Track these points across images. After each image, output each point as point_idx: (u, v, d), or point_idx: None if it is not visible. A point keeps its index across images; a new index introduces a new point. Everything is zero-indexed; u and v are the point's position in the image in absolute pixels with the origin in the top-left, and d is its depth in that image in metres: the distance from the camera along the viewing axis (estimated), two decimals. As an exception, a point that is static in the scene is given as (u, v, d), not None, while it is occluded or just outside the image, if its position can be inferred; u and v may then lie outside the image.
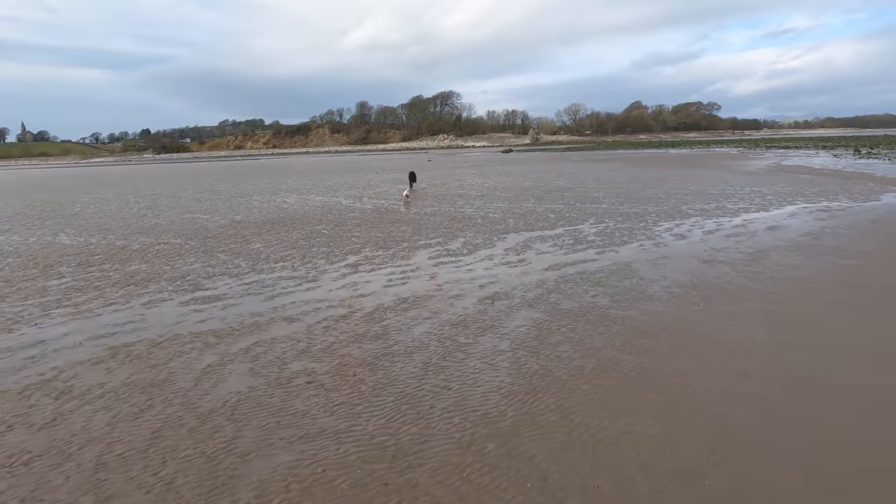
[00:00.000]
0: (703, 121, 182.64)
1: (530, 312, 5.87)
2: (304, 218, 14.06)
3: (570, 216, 12.93)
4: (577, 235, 10.39)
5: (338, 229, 12.05)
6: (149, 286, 7.57)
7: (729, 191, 17.27)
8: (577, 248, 9.25)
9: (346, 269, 8.20)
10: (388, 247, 9.86)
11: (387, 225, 12.51)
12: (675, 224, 11.36)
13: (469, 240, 10.31)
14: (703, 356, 4.59)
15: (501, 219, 12.90)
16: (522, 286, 6.94)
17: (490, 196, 17.89)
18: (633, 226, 11.30)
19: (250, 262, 8.89)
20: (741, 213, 12.67)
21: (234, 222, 13.69)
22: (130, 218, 15.26)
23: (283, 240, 10.91)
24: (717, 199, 15.11)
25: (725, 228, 10.69)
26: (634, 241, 9.74)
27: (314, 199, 18.65)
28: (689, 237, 9.92)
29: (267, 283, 7.50)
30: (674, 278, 7.08)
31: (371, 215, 14.22)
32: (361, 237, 10.96)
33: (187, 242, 10.97)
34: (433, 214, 13.99)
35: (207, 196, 21.37)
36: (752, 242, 9.21)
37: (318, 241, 10.69)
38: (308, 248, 10.01)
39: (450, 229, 11.60)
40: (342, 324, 5.71)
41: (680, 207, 13.88)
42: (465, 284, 7.14)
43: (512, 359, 4.64)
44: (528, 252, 9.06)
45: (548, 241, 9.98)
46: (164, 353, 5.04)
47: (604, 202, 15.36)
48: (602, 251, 8.92)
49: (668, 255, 8.45)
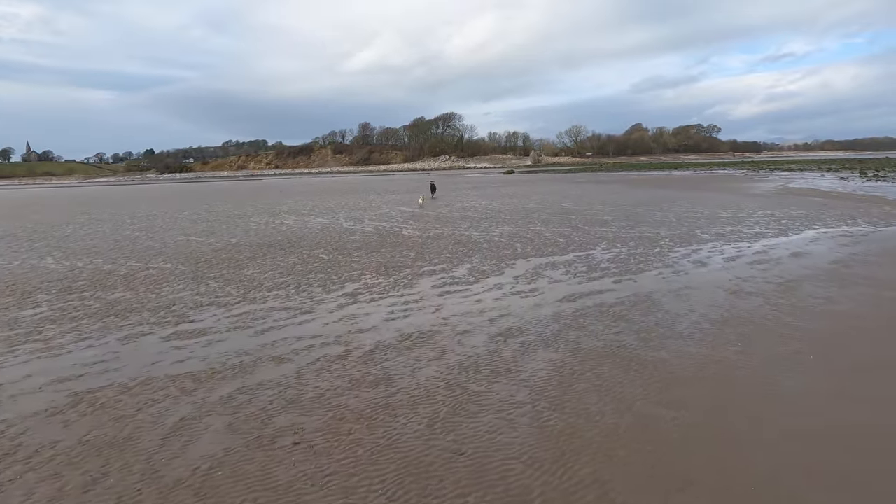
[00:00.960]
0: (704, 143, 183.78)
1: (548, 353, 5.25)
2: (303, 241, 13.52)
3: (580, 240, 12.37)
4: (589, 262, 9.80)
5: (337, 254, 11.49)
6: (129, 317, 6.97)
7: (741, 214, 16.75)
8: (591, 276, 8.66)
9: (344, 299, 7.60)
10: (390, 273, 9.28)
11: (388, 249, 11.95)
12: (691, 250, 10.79)
13: (475, 266, 9.73)
14: (756, 414, 3.95)
15: (508, 243, 12.34)
16: (537, 320, 6.32)
17: (495, 218, 17.38)
18: (648, 251, 10.72)
19: (242, 290, 8.30)
20: (759, 237, 12.10)
21: (229, 245, 13.15)
22: (123, 240, 14.73)
23: (279, 265, 10.34)
24: (731, 223, 14.57)
25: (747, 255, 10.11)
26: (652, 268, 9.15)
27: (314, 221, 18.15)
28: (710, 264, 9.33)
29: (258, 315, 6.90)
30: (702, 312, 6.46)
31: (372, 238, 13.68)
32: (362, 263, 10.38)
33: (178, 267, 10.40)
34: (437, 238, 13.44)
35: (205, 217, 20.90)
36: (780, 271, 8.61)
37: (315, 266, 10.11)
38: (305, 274, 9.43)
39: (455, 254, 11.03)
40: (337, 365, 5.08)
41: (693, 231, 13.32)
42: (473, 318, 6.52)
43: (532, 413, 4.01)
44: (539, 280, 8.46)
45: (559, 267, 9.40)
46: (133, 401, 4.41)
47: (613, 225, 14.83)
48: (619, 280, 8.32)
49: (690, 285, 7.84)
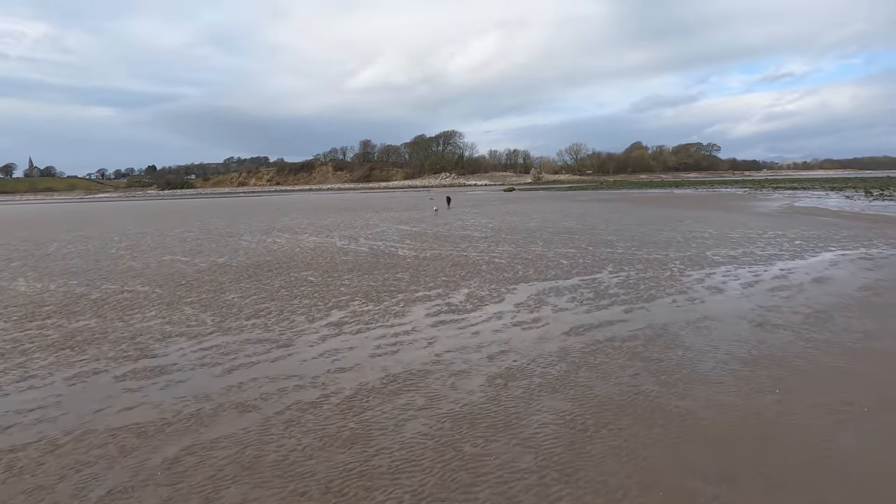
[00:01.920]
0: (704, 161, 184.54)
1: (556, 401, 4.52)
2: (292, 262, 12.84)
3: (585, 262, 11.68)
4: (596, 287, 9.10)
5: (327, 276, 10.80)
6: (87, 350, 6.25)
7: (751, 234, 16.10)
8: (599, 303, 7.95)
9: (327, 330, 6.89)
10: (381, 299, 8.57)
11: (382, 271, 11.26)
12: (704, 273, 10.09)
13: (473, 291, 9.03)
14: (819, 496, 3.21)
15: (508, 265, 11.66)
16: (541, 358, 5.60)
17: (495, 238, 16.73)
18: (658, 275, 10.03)
19: (218, 318, 7.59)
20: (775, 260, 11.42)
21: (214, 266, 12.47)
22: (105, 259, 14.06)
23: (263, 288, 9.65)
24: (742, 244, 13.90)
25: (765, 280, 9.41)
26: (664, 294, 8.45)
27: (307, 240, 17.50)
28: (727, 290, 8.63)
29: (229, 349, 6.18)
30: (728, 349, 5.74)
31: (366, 259, 13.01)
32: (352, 286, 9.69)
33: (155, 290, 9.71)
34: (434, 259, 12.77)
35: (196, 235, 20.27)
36: (805, 299, 7.90)
37: (302, 290, 9.41)
38: (289, 299, 8.72)
39: (451, 277, 10.34)
40: (310, 416, 4.35)
41: (704, 253, 12.65)
42: (470, 354, 5.80)
43: (539, 488, 3.27)
44: (542, 308, 7.75)
45: (564, 293, 8.70)
46: (58, 465, 3.68)
47: (618, 246, 14.16)
48: (630, 308, 7.61)
49: (709, 316, 7.13)
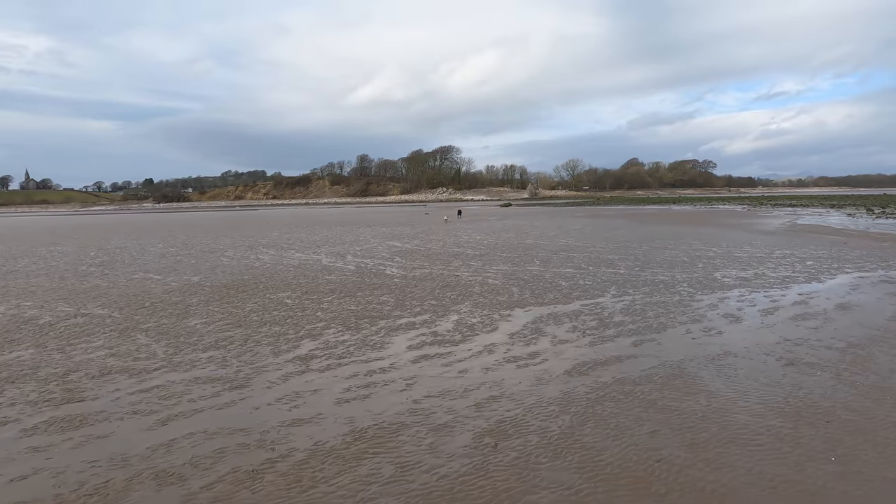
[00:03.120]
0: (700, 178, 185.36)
1: (557, 472, 3.62)
2: (271, 281, 11.94)
3: (585, 284, 10.83)
4: (599, 314, 8.23)
5: (305, 298, 9.90)
6: (5, 391, 5.32)
7: (758, 254, 15.31)
8: (604, 334, 7.07)
9: (293, 366, 5.98)
10: (360, 327, 7.67)
11: (366, 293, 10.37)
12: (717, 298, 9.25)
13: (463, 318, 8.14)
14: None
15: (503, 286, 10.80)
16: (539, 406, 4.70)
17: (489, 256, 15.88)
18: (667, 300, 9.18)
19: (171, 350, 6.66)
20: (790, 283, 10.59)
21: (187, 285, 11.55)
22: (71, 277, 13.12)
23: (232, 313, 8.73)
24: (752, 265, 13.09)
25: (784, 306, 8.57)
26: (675, 323, 7.58)
27: (292, 257, 16.61)
28: (745, 318, 7.77)
29: (173, 391, 5.26)
30: (760, 396, 4.86)
31: (351, 279, 12.12)
32: (330, 310, 8.79)
33: (112, 314, 8.78)
34: (423, 279, 11.89)
35: (177, 251, 19.35)
36: (834, 331, 7.04)
37: (274, 315, 8.51)
38: (258, 326, 7.81)
39: (441, 301, 9.46)
40: (245, 493, 3.43)
41: (712, 274, 11.82)
42: (454, 401, 4.90)
43: None
44: (540, 340, 6.86)
45: (563, 321, 7.82)
46: None
47: (620, 266, 13.33)
48: (639, 341, 6.73)
49: (730, 350, 6.26)
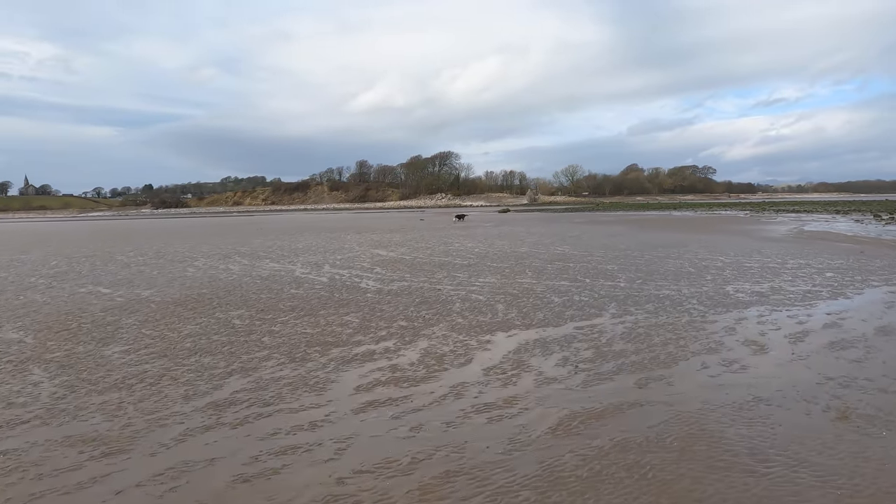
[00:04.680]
0: (699, 184, 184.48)
1: None
2: (230, 296, 10.64)
3: (581, 301, 9.54)
4: (596, 340, 6.93)
5: (258, 318, 8.61)
6: None
7: (770, 263, 14.02)
8: (601, 369, 5.77)
9: (199, 418, 4.67)
10: (307, 357, 6.37)
11: (330, 310, 9.09)
12: (733, 319, 7.96)
13: (434, 346, 6.84)
14: None
15: (488, 302, 9.51)
16: (510, 493, 3.40)
17: (478, 266, 14.59)
18: (675, 321, 7.88)
19: (61, 392, 5.36)
20: (813, 300, 9.30)
21: (132, 301, 10.26)
22: (10, 291, 11.80)
23: (165, 337, 7.44)
24: (766, 276, 11.80)
25: (813, 329, 7.27)
26: (687, 353, 6.29)
27: (264, 267, 15.32)
28: (770, 347, 6.47)
29: (25, 458, 3.95)
30: (819, 474, 3.54)
31: (319, 293, 10.83)
32: (280, 335, 7.49)
33: (25, 339, 7.47)
34: (400, 293, 10.60)
35: (145, 260, 18.06)
36: (883, 365, 5.73)
37: (212, 341, 7.21)
38: (185, 356, 6.51)
39: (412, 321, 8.17)
40: None
41: (723, 288, 10.53)
42: (394, 479, 3.59)
43: None
44: (522, 378, 5.56)
45: (553, 350, 6.52)
46: None
47: (620, 278, 12.04)
48: (644, 379, 5.43)
49: (760, 396, 4.95)
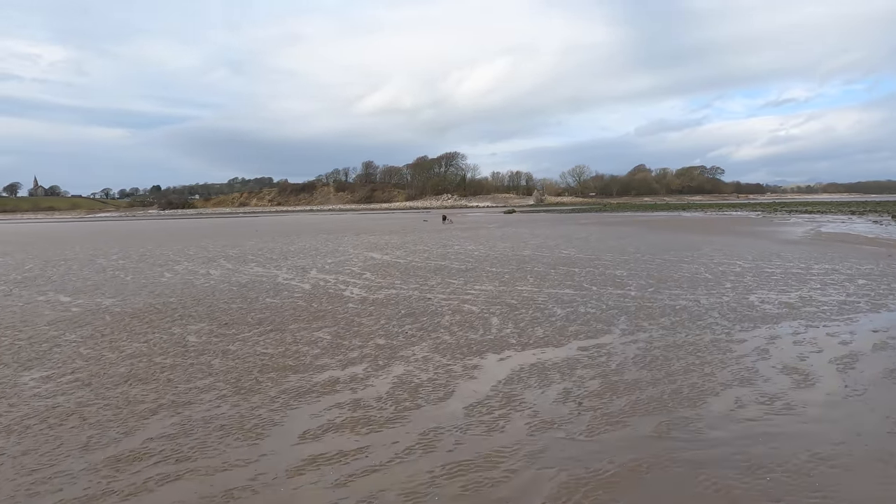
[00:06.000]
0: (707, 184, 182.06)
1: None
2: (196, 306, 9.64)
3: (587, 313, 8.43)
4: (604, 366, 5.83)
5: (218, 333, 7.58)
6: None
7: (794, 269, 12.82)
8: (610, 408, 4.66)
9: (88, 483, 3.59)
10: (255, 389, 5.32)
11: (302, 324, 8.05)
12: (764, 337, 6.82)
13: (410, 372, 5.77)
14: None
15: (481, 315, 8.43)
16: None
17: (476, 271, 13.50)
18: (696, 339, 6.76)
19: (-57, 434, 4.35)
20: (851, 313, 8.13)
21: (88, 311, 9.28)
22: (-35, 299, 10.91)
23: (102, 358, 6.42)
24: (791, 284, 10.62)
25: (862, 352, 6.12)
26: (716, 385, 5.17)
27: (247, 272, 14.32)
28: (816, 376, 5.34)
29: None
30: None
31: (296, 302, 9.80)
32: (235, 357, 6.45)
33: (-56, 359, 6.50)
34: (385, 303, 9.55)
35: (124, 264, 17.13)
36: (966, 404, 4.59)
37: (153, 364, 6.18)
38: (113, 386, 5.48)
39: (392, 339, 7.10)
40: None
41: (746, 298, 9.38)
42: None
43: None
44: (512, 422, 4.47)
45: (552, 379, 5.43)
46: None
47: (630, 285, 10.91)
48: (666, 425, 4.31)
49: (818, 451, 3.83)
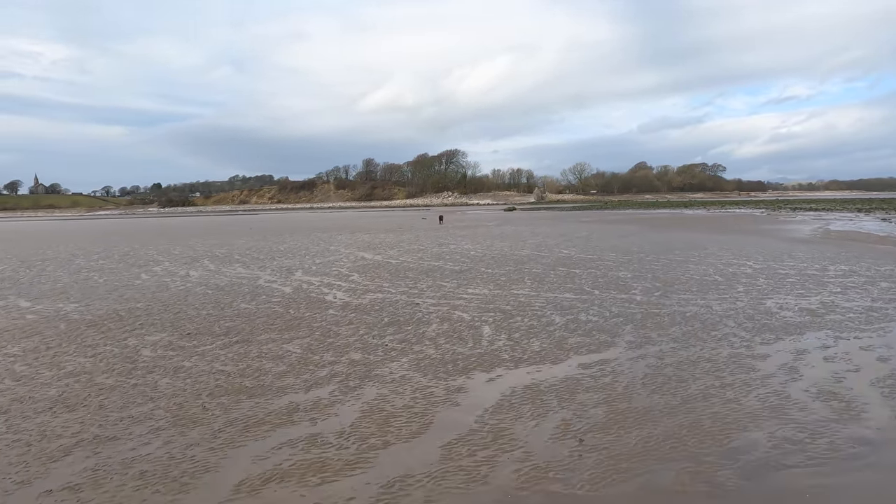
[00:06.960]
0: (709, 182, 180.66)
1: None
2: (163, 312, 8.86)
3: (588, 321, 7.64)
4: (609, 388, 5.03)
5: (176, 345, 6.80)
6: None
7: (808, 270, 12.01)
8: (618, 448, 3.86)
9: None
10: (200, 417, 4.53)
11: (273, 334, 7.26)
12: (789, 352, 6.02)
13: (383, 397, 4.97)
14: None
15: (472, 324, 7.64)
16: None
17: (471, 272, 12.71)
18: (712, 355, 5.96)
19: None
20: (882, 321, 7.34)
21: (44, 319, 8.52)
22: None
23: (36, 377, 5.64)
24: (809, 287, 9.81)
25: (906, 372, 5.33)
26: (742, 415, 4.37)
27: (228, 273, 13.54)
28: (859, 404, 4.55)
29: None
30: None
31: (272, 308, 9.02)
32: (189, 375, 5.67)
33: None
34: (368, 309, 8.76)
35: (103, 264, 16.36)
36: None
37: (91, 385, 5.40)
38: (35, 414, 4.70)
39: (369, 353, 6.31)
40: None
41: (762, 303, 8.59)
42: None
43: None
44: (498, 467, 3.67)
45: (548, 407, 4.63)
46: None
47: (635, 288, 10.11)
48: (690, 475, 3.52)
49: (880, 509, 3.05)
